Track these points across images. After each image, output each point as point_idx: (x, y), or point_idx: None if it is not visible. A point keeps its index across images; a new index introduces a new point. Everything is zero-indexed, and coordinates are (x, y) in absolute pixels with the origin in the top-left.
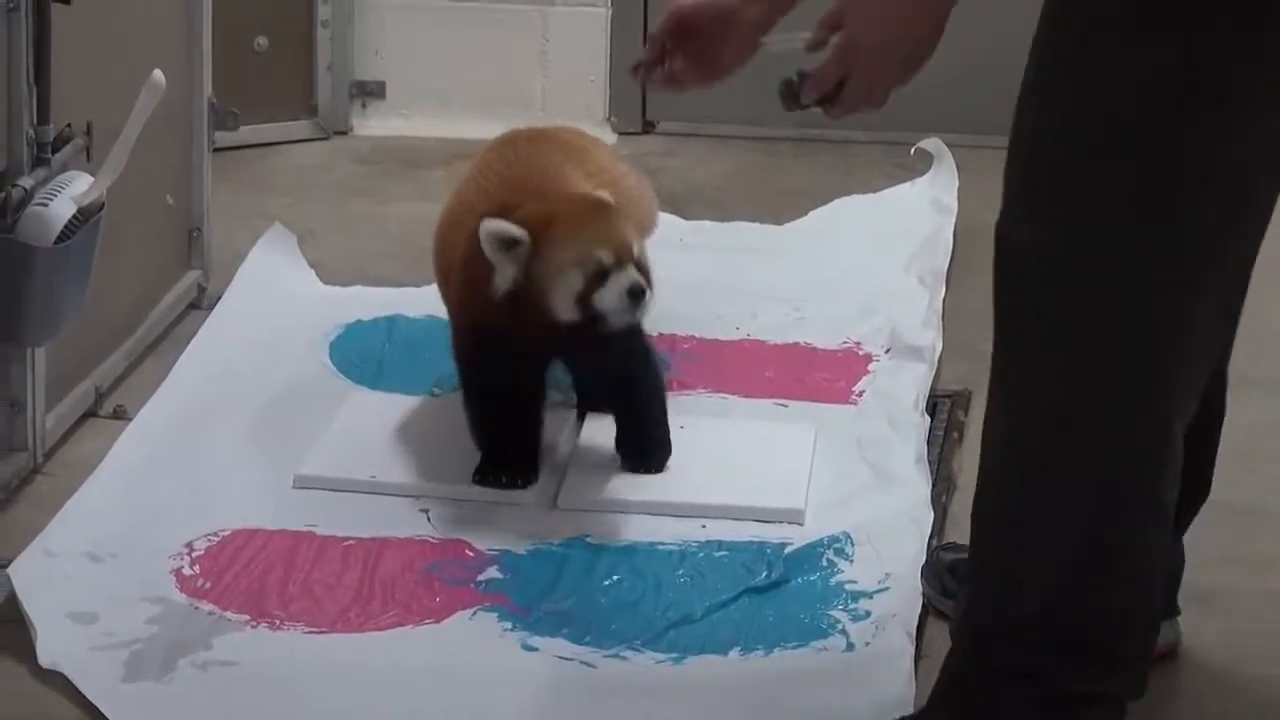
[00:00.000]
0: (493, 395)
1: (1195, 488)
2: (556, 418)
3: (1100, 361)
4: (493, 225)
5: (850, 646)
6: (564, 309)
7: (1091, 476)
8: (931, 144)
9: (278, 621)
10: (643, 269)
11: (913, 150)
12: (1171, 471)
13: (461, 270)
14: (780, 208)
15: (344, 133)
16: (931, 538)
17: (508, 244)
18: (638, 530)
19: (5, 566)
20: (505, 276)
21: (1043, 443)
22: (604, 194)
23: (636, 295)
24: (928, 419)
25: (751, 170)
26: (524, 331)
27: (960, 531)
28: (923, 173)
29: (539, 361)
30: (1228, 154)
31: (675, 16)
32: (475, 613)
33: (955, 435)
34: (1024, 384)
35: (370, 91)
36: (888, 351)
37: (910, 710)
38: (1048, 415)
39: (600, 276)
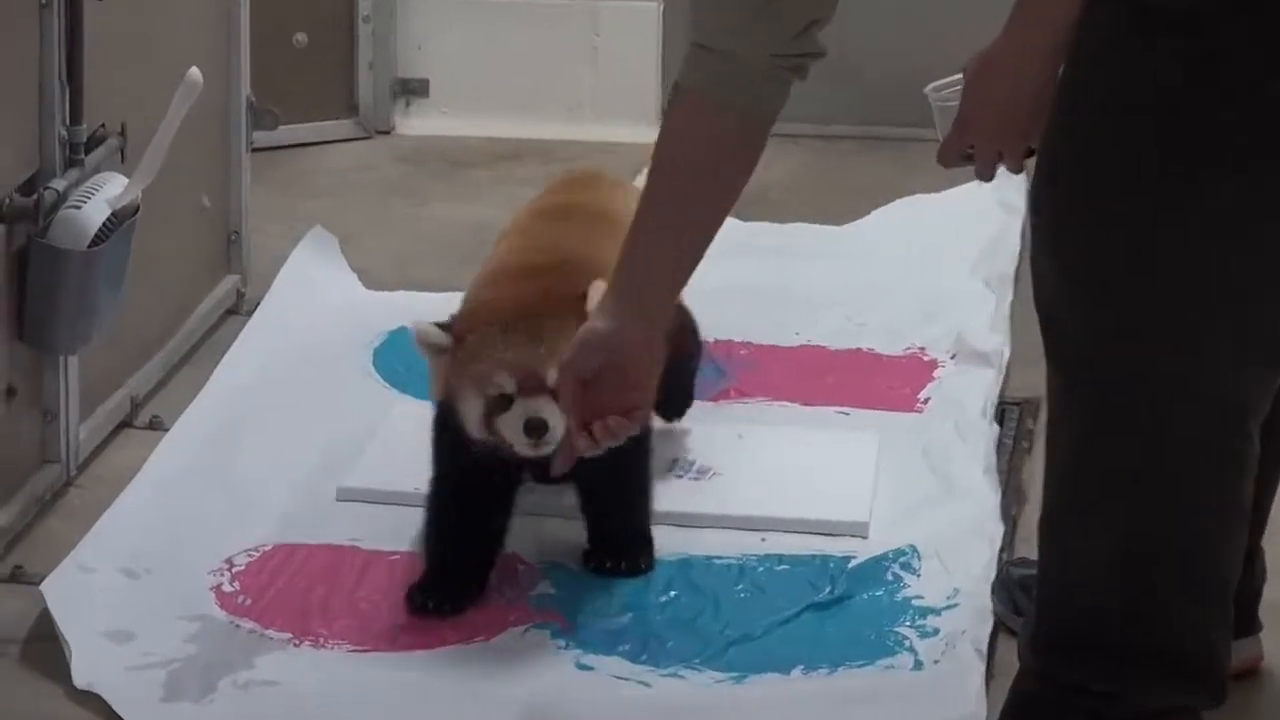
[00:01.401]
0: (455, 499)
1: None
2: None
3: (1149, 355)
4: (420, 328)
5: (918, 665)
6: (472, 426)
7: (1152, 476)
8: None
9: (321, 639)
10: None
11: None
12: (1243, 471)
13: None
14: (841, 208)
15: (386, 132)
16: (1001, 551)
17: (435, 350)
18: (695, 544)
19: (38, 583)
20: (433, 383)
21: (1092, 442)
22: (594, 290)
23: (534, 431)
24: (996, 427)
25: (811, 170)
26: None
27: (1031, 546)
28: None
29: (503, 467)
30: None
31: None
32: (527, 629)
33: (1025, 444)
34: (1075, 388)
35: (413, 89)
36: (953, 357)
37: None
38: (1101, 415)
39: (503, 402)
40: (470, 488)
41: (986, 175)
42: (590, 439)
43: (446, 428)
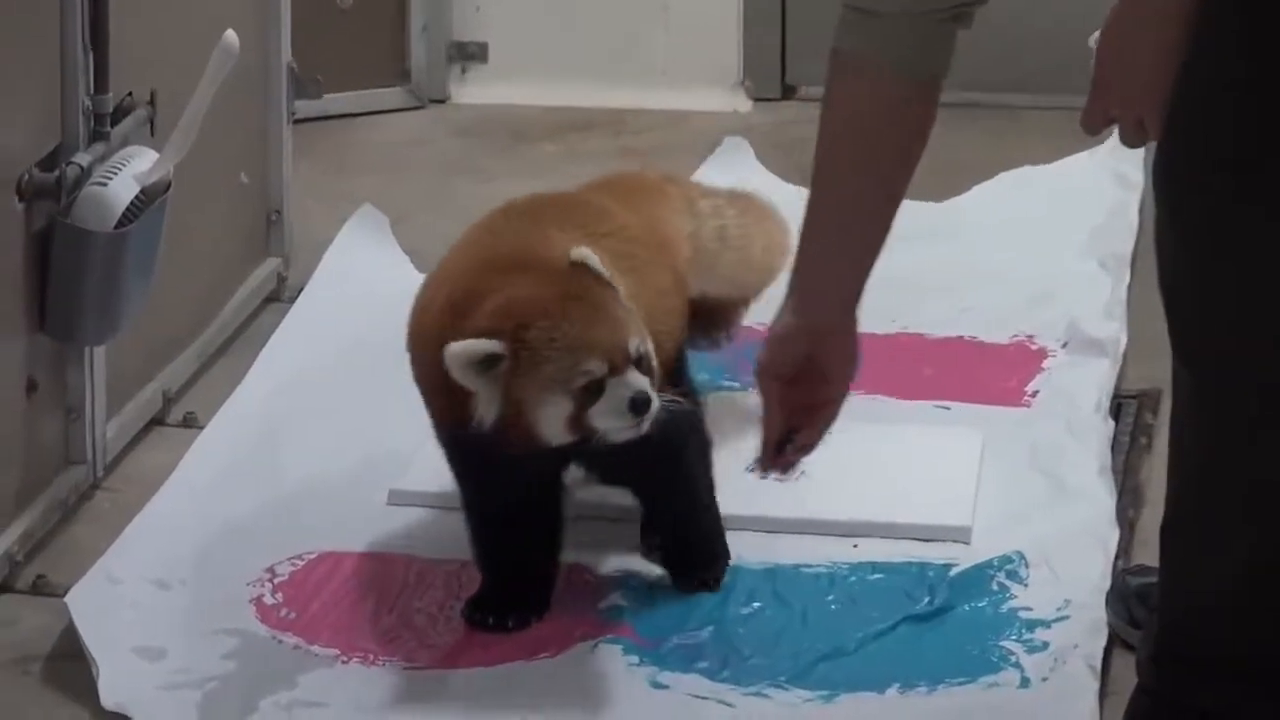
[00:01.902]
0: (495, 514)
1: None
2: None
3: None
4: (460, 348)
5: (1025, 682)
6: (553, 434)
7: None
8: None
9: (371, 656)
10: (646, 365)
11: None
12: None
13: (434, 385)
14: (940, 183)
15: (441, 101)
16: (1117, 558)
17: (489, 363)
18: (780, 551)
19: (62, 595)
20: (489, 404)
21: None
22: (581, 252)
23: (640, 407)
24: (1111, 422)
25: None
26: (518, 450)
27: (1151, 552)
28: (1104, 140)
29: (545, 474)
30: None
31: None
32: (597, 645)
33: (1143, 440)
34: (1202, 386)
35: (470, 54)
36: (1065, 345)
37: None
38: (1233, 418)
39: (593, 390)
40: (510, 504)
41: (1130, 141)
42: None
43: (462, 447)
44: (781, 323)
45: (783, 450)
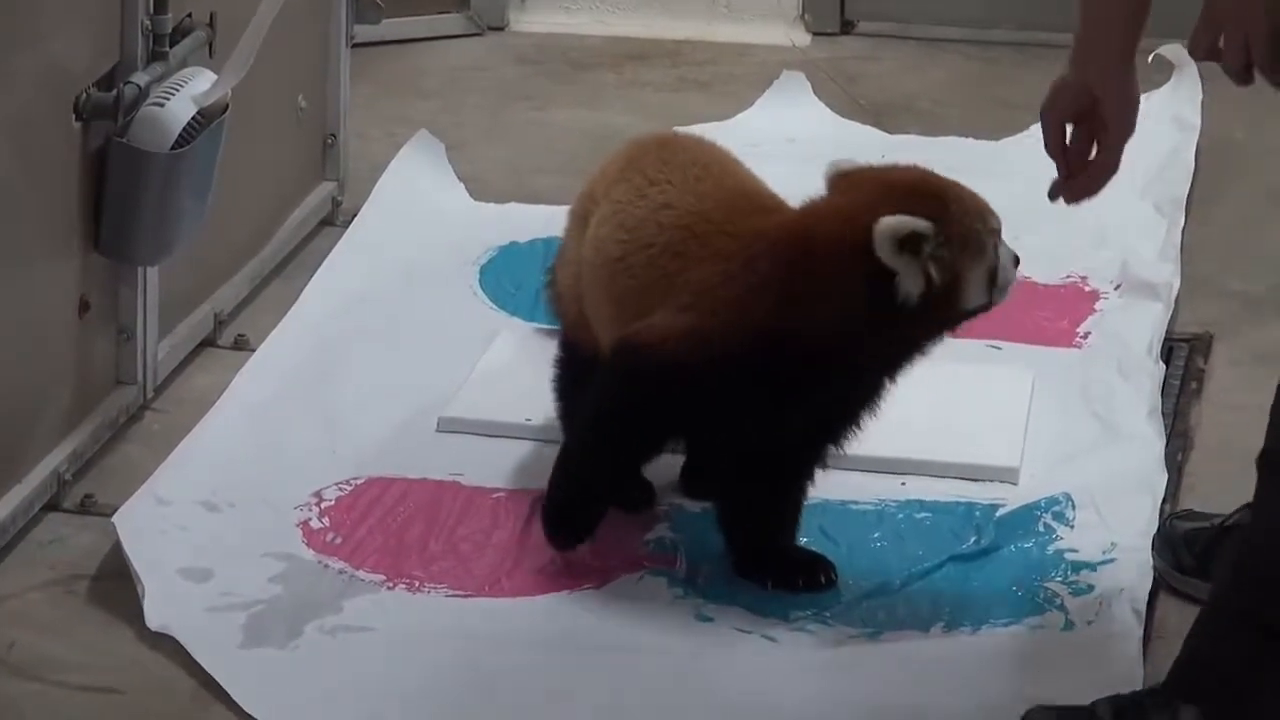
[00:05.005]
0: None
1: None
2: None
3: None
4: (894, 223)
5: (1069, 625)
6: (976, 296)
7: None
8: (1172, 50)
9: (417, 583)
10: None
11: (1150, 58)
12: None
13: (792, 291)
14: (998, 122)
15: (500, 29)
16: (1164, 503)
17: (913, 239)
18: (828, 488)
19: (110, 515)
20: (914, 281)
21: None
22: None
23: (1017, 263)
24: (1163, 366)
25: (965, 79)
26: (935, 325)
27: (1198, 497)
28: (1161, 84)
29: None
30: None
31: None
32: (642, 576)
33: (1194, 385)
34: None
35: None
36: (1118, 288)
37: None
38: None
39: (995, 251)
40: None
41: (1236, 68)
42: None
43: (639, 371)
44: (1062, 77)
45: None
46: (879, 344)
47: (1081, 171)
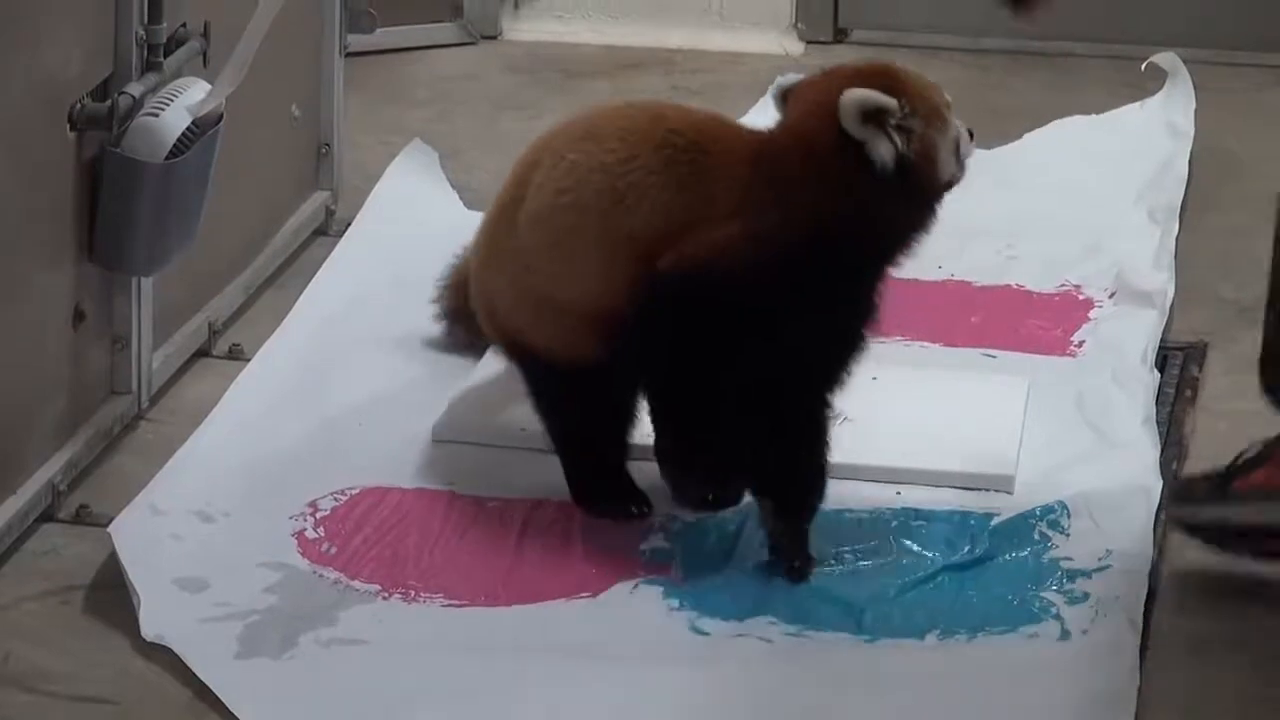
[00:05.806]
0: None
1: None
2: None
3: None
4: (859, 95)
5: (1065, 634)
6: (948, 165)
7: None
8: (1165, 59)
9: (413, 593)
10: None
11: (1144, 66)
12: None
13: (788, 183)
14: (991, 130)
15: (493, 37)
16: (1159, 510)
17: (878, 113)
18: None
19: (105, 525)
20: (885, 150)
21: None
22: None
23: (972, 134)
24: (1157, 374)
25: (959, 87)
26: (921, 193)
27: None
28: (1155, 91)
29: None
30: None
31: None
32: (637, 585)
33: (1188, 393)
34: None
35: None
36: (1112, 296)
37: (1133, 709)
38: None
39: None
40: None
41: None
42: None
43: (707, 283)
44: None
45: None
46: (886, 221)
47: None
